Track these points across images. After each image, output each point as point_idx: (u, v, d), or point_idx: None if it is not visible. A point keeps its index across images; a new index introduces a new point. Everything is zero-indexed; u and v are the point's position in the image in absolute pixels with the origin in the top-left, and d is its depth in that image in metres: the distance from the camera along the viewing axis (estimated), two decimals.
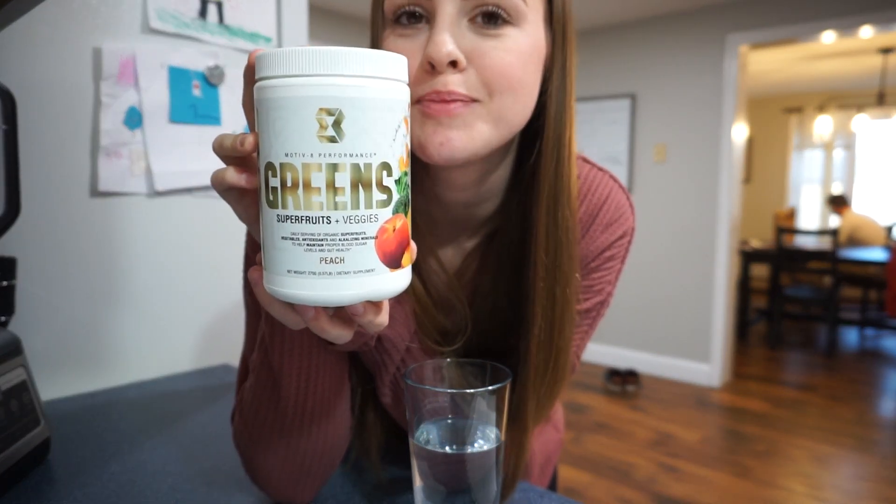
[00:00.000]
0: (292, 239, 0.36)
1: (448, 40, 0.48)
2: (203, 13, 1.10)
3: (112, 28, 1.00)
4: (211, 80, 1.11)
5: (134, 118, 1.02)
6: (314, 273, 0.36)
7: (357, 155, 0.35)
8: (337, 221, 0.36)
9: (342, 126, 0.35)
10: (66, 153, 0.97)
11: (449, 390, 0.54)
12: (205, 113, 1.11)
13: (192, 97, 1.09)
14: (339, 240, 0.36)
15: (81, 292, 1.00)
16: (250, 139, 0.38)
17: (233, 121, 1.14)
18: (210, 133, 1.12)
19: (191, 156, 1.10)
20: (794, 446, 2.98)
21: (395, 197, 0.37)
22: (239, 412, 0.61)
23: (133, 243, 1.06)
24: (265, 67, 0.36)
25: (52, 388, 0.97)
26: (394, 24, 0.52)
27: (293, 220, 0.36)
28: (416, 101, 0.51)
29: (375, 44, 0.56)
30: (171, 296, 1.11)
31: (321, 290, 0.37)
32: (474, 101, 0.50)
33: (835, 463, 2.82)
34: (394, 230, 0.38)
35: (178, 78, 1.07)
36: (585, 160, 0.63)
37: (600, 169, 0.64)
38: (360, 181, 0.36)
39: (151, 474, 0.71)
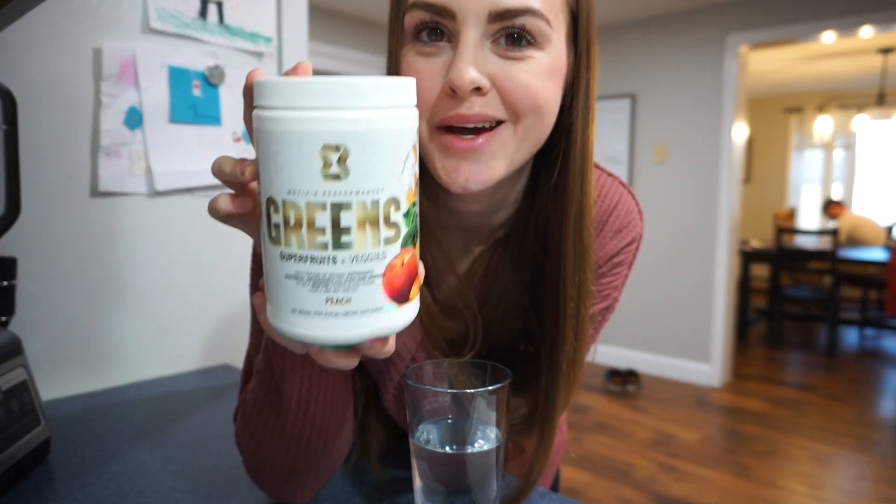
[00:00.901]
0: (296, 278, 0.34)
1: (471, 66, 0.47)
2: (203, 13, 1.10)
3: (112, 28, 1.00)
4: (211, 80, 1.11)
5: (134, 118, 1.02)
6: (319, 313, 0.34)
7: (364, 192, 0.33)
8: (343, 262, 0.34)
9: (347, 163, 0.33)
10: (66, 153, 0.97)
11: (449, 390, 0.54)
12: (205, 113, 1.11)
13: (192, 97, 1.09)
14: (346, 280, 0.34)
15: (81, 292, 1.00)
16: (249, 169, 0.37)
17: (233, 121, 1.14)
18: (210, 133, 1.12)
19: (191, 156, 1.10)
20: (794, 446, 2.98)
21: (403, 231, 0.35)
22: (241, 412, 0.61)
23: (133, 243, 1.05)
24: (264, 96, 0.34)
25: (52, 388, 0.97)
26: (414, 39, 0.51)
27: (297, 260, 0.34)
28: (438, 127, 0.50)
29: (394, 59, 0.54)
30: (171, 296, 1.11)
31: (327, 330, 0.35)
32: (500, 122, 0.50)
33: (835, 463, 2.82)
34: (402, 265, 0.36)
35: (178, 78, 1.07)
36: (595, 165, 0.63)
37: (610, 174, 0.64)
38: (366, 219, 0.34)
39: (151, 474, 0.71)
